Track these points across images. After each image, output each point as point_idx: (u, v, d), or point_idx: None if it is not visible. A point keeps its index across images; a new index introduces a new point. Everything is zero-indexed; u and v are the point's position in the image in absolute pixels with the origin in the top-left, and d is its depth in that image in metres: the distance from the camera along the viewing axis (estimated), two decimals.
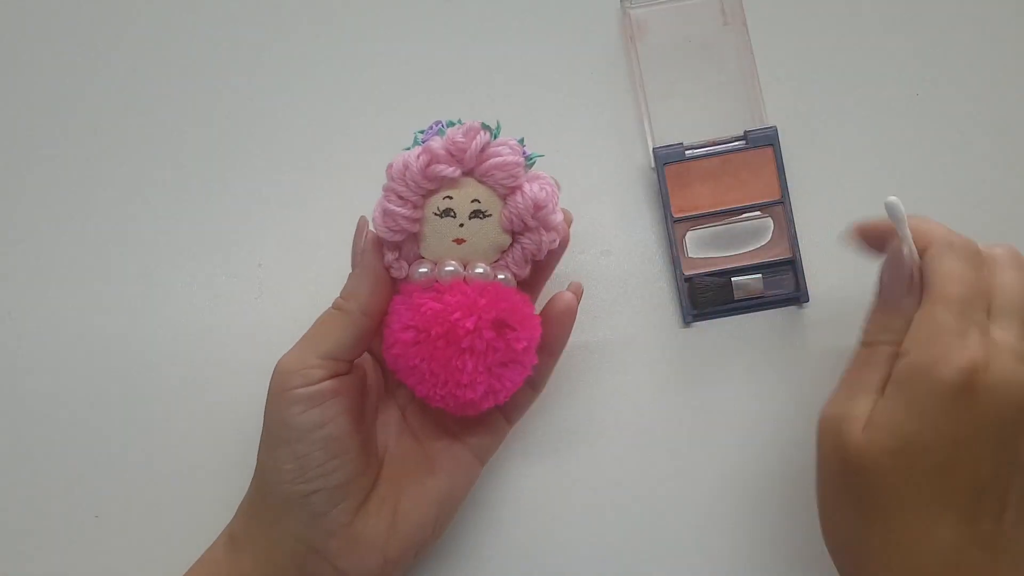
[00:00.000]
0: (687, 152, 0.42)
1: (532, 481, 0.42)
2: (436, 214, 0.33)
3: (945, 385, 0.29)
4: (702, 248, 0.43)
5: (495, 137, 0.33)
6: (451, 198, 0.33)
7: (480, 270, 0.34)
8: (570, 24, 0.46)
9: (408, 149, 0.34)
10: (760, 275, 0.42)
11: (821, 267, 0.42)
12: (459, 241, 0.34)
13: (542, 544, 0.42)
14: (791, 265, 0.42)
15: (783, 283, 0.42)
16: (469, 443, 0.38)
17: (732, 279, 0.42)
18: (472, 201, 0.33)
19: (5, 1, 0.48)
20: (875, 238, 0.35)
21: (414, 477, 0.37)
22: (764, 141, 0.42)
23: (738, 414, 0.42)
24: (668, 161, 0.42)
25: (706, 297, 0.42)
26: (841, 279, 0.42)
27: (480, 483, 0.40)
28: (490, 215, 0.33)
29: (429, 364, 0.33)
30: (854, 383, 0.33)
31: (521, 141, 0.34)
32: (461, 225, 0.33)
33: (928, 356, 0.29)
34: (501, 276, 0.34)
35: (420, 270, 0.34)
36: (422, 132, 0.34)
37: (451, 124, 0.34)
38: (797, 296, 0.42)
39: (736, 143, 0.42)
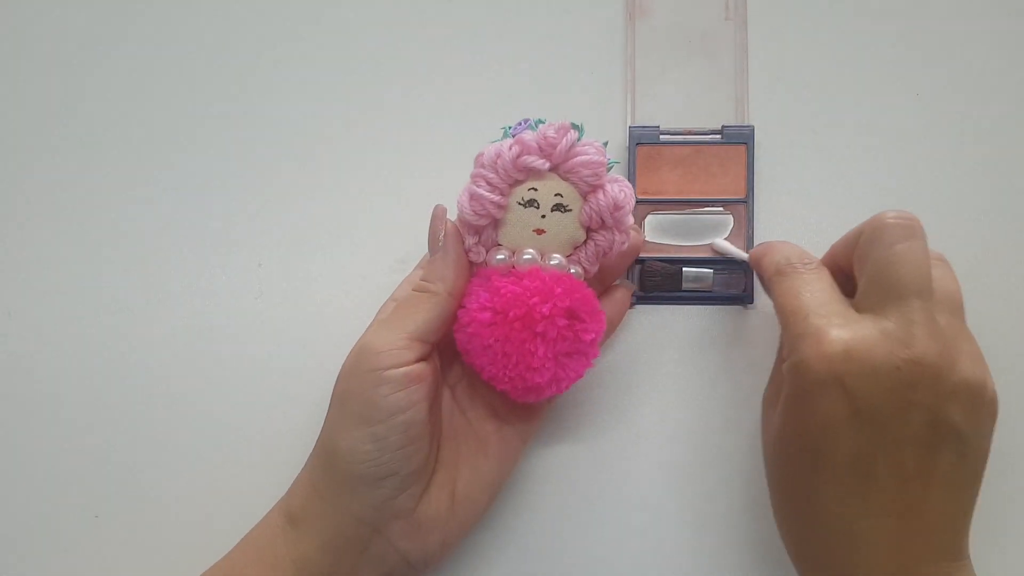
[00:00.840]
0: (662, 136, 0.43)
1: None
2: (520, 203, 0.35)
3: (810, 382, 0.31)
4: (659, 233, 0.43)
5: (580, 137, 0.35)
6: (536, 189, 0.35)
7: (556, 261, 0.36)
8: None
9: (496, 142, 0.35)
10: (711, 270, 0.42)
11: None
12: (539, 232, 0.35)
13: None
14: (743, 265, 0.42)
15: (732, 281, 0.42)
16: (516, 426, 0.39)
17: (683, 269, 0.42)
18: (555, 195, 0.35)
19: (5, 1, 0.48)
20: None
21: (468, 460, 0.37)
22: (739, 139, 0.42)
23: (667, 399, 0.42)
24: (641, 141, 0.43)
25: (654, 282, 0.42)
26: None
27: None
28: (570, 210, 0.35)
29: (503, 345, 0.34)
30: (775, 370, 0.38)
31: (605, 144, 0.35)
32: (543, 216, 0.35)
33: (797, 358, 0.32)
34: (573, 269, 0.36)
35: (498, 256, 0.36)
36: (511, 127, 0.36)
37: (539, 122, 0.35)
38: (743, 297, 0.42)
39: (712, 136, 0.43)
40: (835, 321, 0.31)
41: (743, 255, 0.40)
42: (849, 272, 0.35)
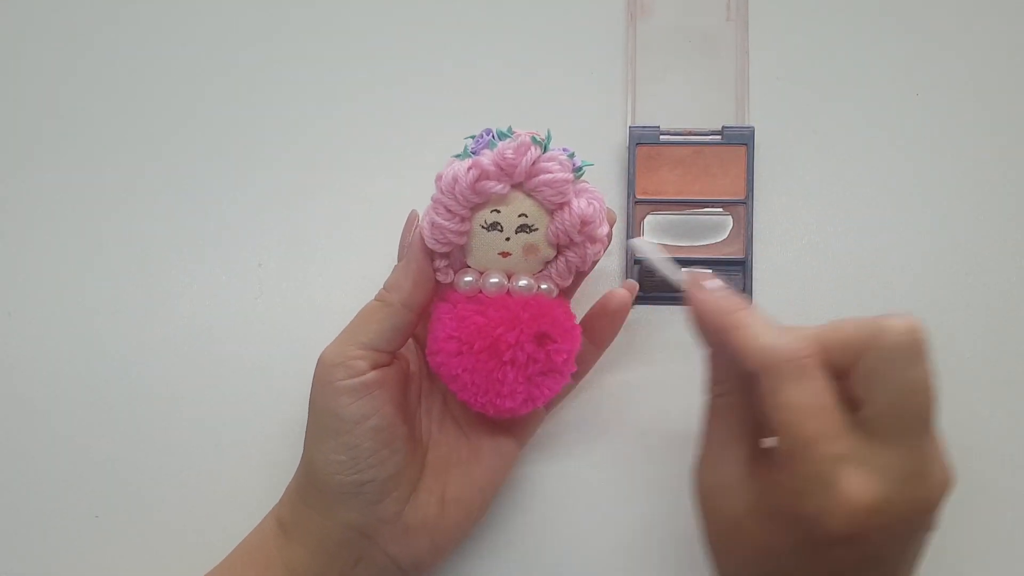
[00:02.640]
0: (662, 136, 0.43)
1: None
2: (483, 227, 0.34)
3: (827, 537, 0.28)
4: (658, 234, 0.43)
5: (545, 149, 0.33)
6: (498, 211, 0.34)
7: (523, 283, 0.35)
8: None
9: (458, 156, 0.34)
10: (710, 271, 0.41)
11: (770, 274, 0.43)
12: (504, 254, 0.34)
13: None
14: (742, 266, 0.42)
15: (731, 283, 0.42)
16: (510, 431, 0.39)
17: (682, 269, 0.42)
18: (519, 216, 0.34)
19: (5, 1, 0.48)
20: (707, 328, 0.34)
21: (459, 464, 0.37)
22: (739, 139, 0.42)
23: (666, 399, 0.42)
24: (641, 141, 0.43)
25: (652, 282, 0.41)
26: (786, 292, 0.43)
27: None
28: (537, 229, 0.34)
29: (471, 375, 0.34)
30: (716, 445, 0.33)
31: (571, 156, 0.34)
32: (507, 239, 0.34)
33: (814, 510, 0.28)
34: (544, 286, 0.35)
35: (465, 279, 0.35)
36: (472, 138, 0.34)
37: (501, 134, 0.34)
38: None
39: (712, 136, 0.43)
40: (854, 463, 0.28)
41: (678, 276, 0.35)
42: (839, 372, 0.30)
